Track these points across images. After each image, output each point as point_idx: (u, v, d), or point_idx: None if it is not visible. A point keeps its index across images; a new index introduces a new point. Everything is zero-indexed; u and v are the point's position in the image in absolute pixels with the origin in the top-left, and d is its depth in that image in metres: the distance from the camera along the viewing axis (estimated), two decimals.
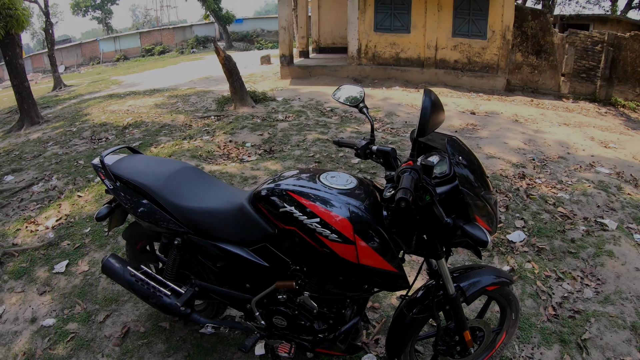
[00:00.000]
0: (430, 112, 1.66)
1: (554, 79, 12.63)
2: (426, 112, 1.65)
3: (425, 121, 1.65)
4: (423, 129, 1.67)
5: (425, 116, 1.65)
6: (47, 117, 10.69)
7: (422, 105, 1.66)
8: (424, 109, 1.65)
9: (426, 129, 1.68)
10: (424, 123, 1.66)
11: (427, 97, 1.67)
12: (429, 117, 1.65)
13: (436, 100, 1.70)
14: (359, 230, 1.92)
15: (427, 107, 1.65)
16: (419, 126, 1.67)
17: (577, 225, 4.31)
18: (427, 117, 1.65)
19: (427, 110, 1.65)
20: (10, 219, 5.02)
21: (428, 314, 2.22)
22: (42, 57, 39.61)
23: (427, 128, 1.68)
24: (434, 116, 1.68)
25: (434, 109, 1.67)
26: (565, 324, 3.12)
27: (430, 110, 1.65)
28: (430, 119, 1.67)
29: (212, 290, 2.56)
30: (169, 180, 2.53)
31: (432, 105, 1.66)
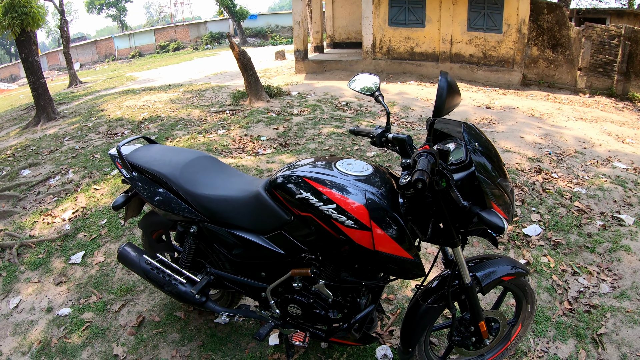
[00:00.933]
0: (447, 93, 1.66)
1: (570, 74, 12.48)
2: (442, 93, 1.65)
3: (441, 102, 1.66)
4: (439, 109, 1.68)
5: (442, 97, 1.66)
6: (63, 113, 10.82)
7: (438, 85, 1.66)
8: (440, 89, 1.65)
9: (442, 109, 1.68)
10: (441, 103, 1.67)
11: (444, 78, 1.67)
12: (445, 97, 1.66)
13: (452, 82, 1.70)
14: (375, 217, 1.92)
15: (444, 87, 1.65)
16: (435, 106, 1.68)
17: (594, 219, 4.29)
18: (444, 98, 1.66)
19: (444, 90, 1.65)
20: (27, 211, 5.11)
21: (443, 303, 2.21)
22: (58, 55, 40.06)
23: (443, 108, 1.68)
24: (450, 97, 1.69)
25: (450, 90, 1.67)
26: (581, 318, 3.10)
27: (446, 90, 1.66)
28: (447, 100, 1.68)
29: (227, 278, 2.58)
30: (185, 169, 2.54)
31: (448, 86, 1.66)
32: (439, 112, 1.69)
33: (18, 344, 3.15)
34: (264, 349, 2.90)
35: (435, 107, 1.68)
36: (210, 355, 2.88)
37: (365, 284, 2.24)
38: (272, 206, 2.20)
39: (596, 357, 2.80)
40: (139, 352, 2.96)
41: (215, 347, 2.94)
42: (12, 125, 11.22)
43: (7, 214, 5.06)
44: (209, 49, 35.60)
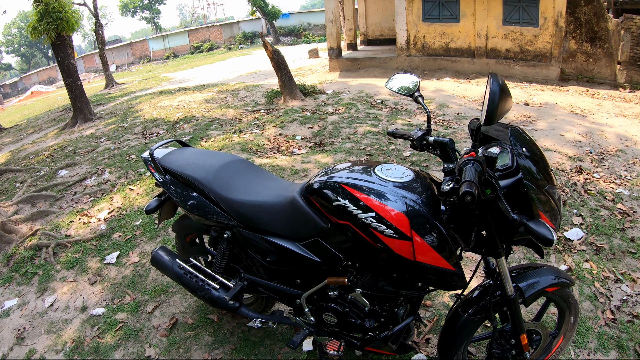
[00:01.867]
0: (499, 98, 1.55)
1: (609, 68, 12.08)
2: (495, 98, 1.54)
3: (494, 107, 1.55)
4: (491, 116, 1.56)
5: (494, 102, 1.54)
6: (100, 114, 11.07)
7: (490, 89, 1.55)
8: (493, 94, 1.54)
9: (494, 116, 1.57)
10: (493, 109, 1.55)
11: (495, 81, 1.56)
12: (497, 102, 1.54)
13: (504, 85, 1.59)
14: (416, 226, 1.84)
15: (496, 91, 1.54)
16: (487, 113, 1.56)
17: (638, 223, 4.10)
18: (497, 103, 1.54)
19: (496, 95, 1.54)
20: (64, 211, 5.22)
21: (484, 315, 2.11)
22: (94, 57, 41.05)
23: (495, 115, 1.57)
24: (502, 102, 1.57)
25: (502, 94, 1.56)
26: (623, 329, 2.95)
27: (499, 95, 1.54)
28: (499, 105, 1.56)
29: (261, 284, 2.55)
30: (218, 173, 2.53)
31: (500, 90, 1.55)
32: (491, 119, 1.57)
33: (52, 342, 3.22)
34: (297, 355, 2.88)
35: (488, 114, 1.56)
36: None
37: (404, 294, 2.17)
38: (308, 213, 2.15)
39: None
40: (171, 354, 2.99)
41: (248, 352, 2.93)
42: (50, 126, 11.53)
43: (44, 214, 5.20)
44: (242, 48, 35.90)
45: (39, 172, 6.83)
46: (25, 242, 4.50)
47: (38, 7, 9.54)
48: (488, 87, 1.58)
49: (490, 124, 1.60)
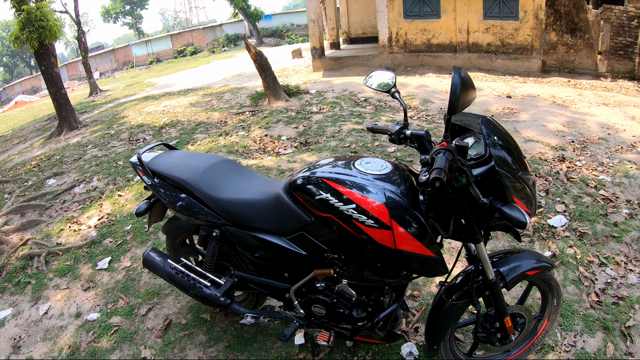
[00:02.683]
0: (461, 89, 1.64)
1: (590, 58, 12.25)
2: (456, 89, 1.63)
3: (455, 98, 1.64)
4: (453, 106, 1.66)
5: (456, 93, 1.63)
6: (85, 121, 11.01)
7: (451, 82, 1.64)
8: (454, 86, 1.63)
9: (457, 106, 1.66)
10: (454, 100, 1.64)
11: (457, 74, 1.65)
12: (459, 94, 1.63)
13: (466, 77, 1.68)
14: (396, 216, 1.91)
15: (457, 83, 1.63)
16: (450, 104, 1.65)
17: (620, 208, 4.20)
18: (458, 95, 1.63)
19: (457, 87, 1.63)
20: (53, 220, 5.22)
21: (467, 300, 2.18)
22: (77, 65, 40.78)
23: (457, 105, 1.66)
24: (464, 93, 1.67)
25: (464, 86, 1.65)
26: (608, 310, 3.03)
27: (460, 87, 1.63)
28: (461, 97, 1.65)
29: (251, 280, 2.61)
30: (205, 174, 2.57)
31: (461, 82, 1.64)
32: (453, 109, 1.67)
33: (48, 349, 3.22)
34: (289, 348, 2.93)
35: (450, 104, 1.65)
36: (237, 356, 2.92)
37: (388, 283, 2.24)
38: (293, 208, 2.21)
39: (624, 350, 2.74)
40: (166, 354, 3.02)
41: (242, 348, 2.98)
42: (35, 136, 11.45)
43: (34, 223, 5.19)
44: (226, 51, 35.86)
45: (27, 182, 6.80)
46: (16, 252, 4.49)
47: (20, 16, 9.46)
48: (451, 79, 1.66)
49: (453, 114, 1.69)
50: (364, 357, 2.78)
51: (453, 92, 1.63)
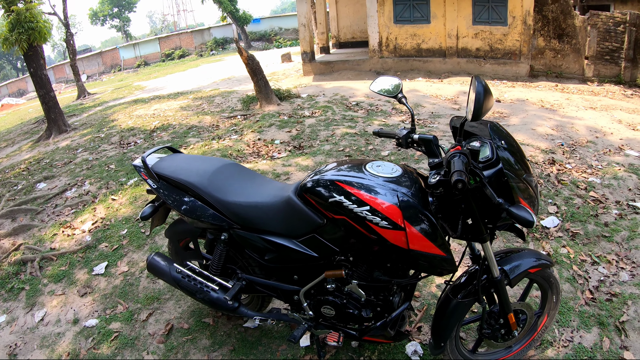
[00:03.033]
0: (484, 97, 1.72)
1: (577, 63, 12.43)
2: (480, 97, 1.71)
3: (479, 105, 1.72)
4: (478, 113, 1.74)
5: (480, 100, 1.71)
6: (74, 125, 10.90)
7: (475, 90, 1.72)
8: (478, 94, 1.71)
9: (480, 113, 1.74)
10: (479, 107, 1.72)
11: (479, 82, 1.73)
12: (482, 101, 1.72)
13: (487, 85, 1.76)
14: (408, 217, 1.97)
15: (481, 92, 1.71)
16: (474, 110, 1.73)
17: (610, 209, 4.31)
18: (481, 102, 1.72)
19: (481, 95, 1.71)
20: (46, 224, 5.13)
21: (473, 298, 2.25)
22: (64, 68, 40.35)
23: (481, 112, 1.74)
24: (486, 101, 1.74)
25: (486, 93, 1.73)
26: (602, 307, 3.13)
27: (483, 95, 1.71)
28: (484, 104, 1.73)
29: (259, 283, 2.62)
30: (213, 177, 2.58)
31: (484, 90, 1.72)
32: (477, 116, 1.75)
33: (46, 356, 3.16)
34: (295, 351, 2.94)
35: (475, 111, 1.73)
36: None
37: (397, 282, 2.29)
38: (304, 210, 2.24)
39: (619, 344, 2.83)
40: (170, 359, 3.00)
41: (247, 351, 2.98)
42: (23, 139, 11.32)
43: (26, 228, 5.08)
44: (214, 54, 35.72)
45: (17, 186, 6.70)
46: (8, 258, 4.39)
47: (9, 17, 9.37)
48: (473, 88, 1.75)
49: (477, 120, 1.77)
50: (369, 357, 2.82)
51: (477, 100, 1.72)
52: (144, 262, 4.00)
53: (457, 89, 10.40)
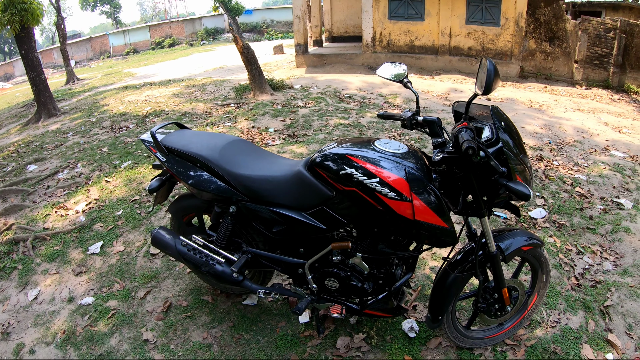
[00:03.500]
0: (494, 74, 1.83)
1: (567, 66, 12.64)
2: (491, 74, 1.82)
3: (490, 81, 1.83)
4: (489, 87, 1.85)
5: (490, 77, 1.83)
6: (64, 109, 10.80)
7: (487, 68, 1.83)
8: (489, 71, 1.82)
9: (490, 88, 1.85)
10: (490, 83, 1.83)
11: (490, 62, 1.85)
12: (493, 77, 1.83)
13: (496, 66, 1.88)
14: (415, 189, 2.09)
15: (492, 69, 1.83)
16: (486, 85, 1.84)
17: (595, 204, 4.48)
18: (492, 78, 1.83)
19: (492, 72, 1.82)
20: (38, 205, 5.08)
21: (470, 272, 2.40)
22: (52, 53, 39.87)
23: (491, 87, 1.85)
24: (496, 77, 1.86)
25: (495, 72, 1.85)
26: (587, 292, 3.28)
27: (494, 72, 1.83)
28: (494, 80, 1.84)
29: (264, 256, 2.70)
30: (223, 151, 2.64)
31: (494, 69, 1.84)
32: (487, 90, 1.86)
33: (41, 334, 3.16)
34: (294, 327, 3.01)
35: (486, 86, 1.85)
36: (242, 336, 2.99)
37: (401, 255, 2.41)
38: (314, 183, 2.34)
39: (604, 327, 2.98)
40: (169, 335, 3.03)
41: (247, 328, 3.04)
42: (11, 122, 11.16)
43: (17, 208, 5.02)
44: (205, 44, 35.50)
45: (6, 167, 6.63)
46: (0, 237, 4.35)
47: None
48: (483, 67, 1.88)
49: (487, 94, 1.87)
50: (367, 333, 2.90)
51: (488, 76, 1.83)
52: (141, 242, 4.05)
53: (448, 86, 10.55)
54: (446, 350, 2.78)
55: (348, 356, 2.77)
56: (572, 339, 2.87)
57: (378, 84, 10.20)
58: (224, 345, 2.94)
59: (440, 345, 2.81)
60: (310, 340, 2.90)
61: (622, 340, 2.88)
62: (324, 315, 3.02)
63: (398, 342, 2.86)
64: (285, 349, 2.87)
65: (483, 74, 1.87)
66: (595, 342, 2.85)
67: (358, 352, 2.79)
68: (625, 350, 2.80)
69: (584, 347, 2.81)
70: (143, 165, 5.68)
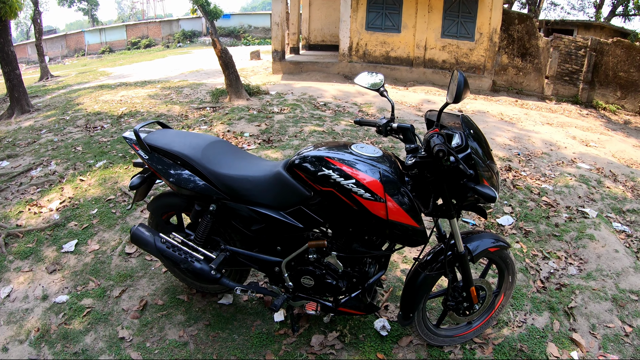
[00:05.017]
0: (463, 85, 1.97)
1: (538, 81, 13.02)
2: (461, 84, 1.97)
3: (460, 90, 1.98)
4: (458, 96, 2.00)
5: (460, 87, 1.97)
6: (38, 105, 10.60)
7: (457, 79, 1.98)
8: (460, 82, 1.97)
9: (460, 97, 1.99)
10: (460, 92, 1.99)
11: (460, 74, 1.99)
12: (462, 87, 1.97)
13: (466, 78, 2.01)
14: (389, 190, 2.22)
15: (462, 80, 1.97)
16: (456, 94, 1.99)
17: (560, 212, 4.67)
18: (462, 88, 1.97)
19: (462, 83, 1.97)
20: (10, 202, 5.00)
21: (439, 271, 2.52)
22: (26, 48, 39.08)
23: (461, 97, 1.99)
24: (465, 88, 1.99)
25: (465, 83, 1.98)
26: (552, 295, 3.45)
27: (463, 83, 1.97)
28: (464, 90, 1.98)
29: (242, 254, 2.76)
30: (205, 150, 2.71)
31: (464, 80, 1.98)
32: (457, 99, 2.00)
33: (14, 332, 3.11)
34: (269, 325, 3.07)
35: (456, 95, 1.99)
36: (218, 334, 3.02)
37: (374, 254, 2.53)
38: (293, 183, 2.45)
39: (568, 327, 3.15)
40: (145, 334, 3.04)
41: (222, 326, 3.08)
42: None
43: None
44: (181, 47, 35.30)
45: None
46: None
47: None
48: (454, 78, 2.04)
49: (457, 102, 2.02)
50: (341, 331, 2.99)
51: (459, 86, 1.98)
52: (116, 241, 4.04)
53: (422, 97, 10.72)
54: (417, 348, 2.88)
55: (322, 354, 2.84)
56: (538, 338, 3.02)
57: (353, 92, 10.32)
58: (200, 343, 2.96)
59: (411, 344, 2.91)
60: (285, 339, 2.96)
61: (587, 339, 3.04)
62: (299, 314, 3.09)
63: (370, 340, 2.94)
64: (260, 347, 2.92)
65: (454, 84, 2.02)
66: (560, 341, 3.01)
67: (332, 349, 2.87)
68: (589, 349, 2.96)
69: (550, 345, 2.96)
70: (118, 165, 5.64)
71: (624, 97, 12.74)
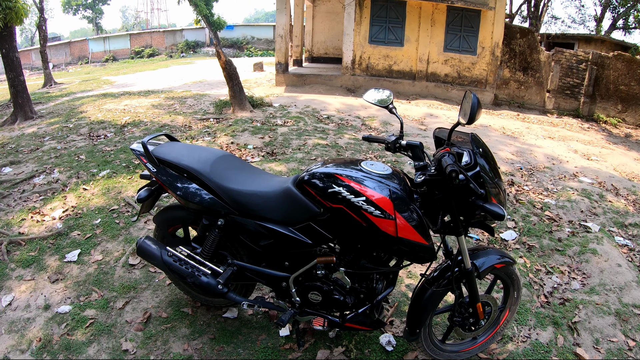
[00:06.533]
0: (477, 106, 2.01)
1: (539, 95, 13.07)
2: (475, 105, 2.00)
3: (474, 112, 2.01)
4: (472, 117, 2.03)
5: (474, 108, 2.00)
6: (41, 112, 10.62)
7: (471, 100, 2.01)
8: (474, 103, 2.01)
9: (474, 118, 2.03)
10: (474, 113, 2.02)
11: (474, 95, 2.03)
12: (476, 109, 2.01)
13: (479, 99, 2.05)
14: (398, 208, 2.23)
15: (475, 102, 2.01)
16: (470, 115, 2.02)
17: (563, 227, 4.69)
18: (476, 109, 2.01)
19: (475, 104, 2.01)
20: (13, 209, 4.96)
21: (446, 287, 2.53)
22: (30, 54, 39.21)
23: (475, 117, 2.03)
24: (479, 109, 2.03)
25: (479, 104, 2.02)
26: (556, 309, 3.46)
27: (477, 104, 2.00)
28: (477, 111, 2.02)
29: (249, 269, 2.76)
30: (214, 164, 2.71)
31: (477, 101, 2.02)
32: (471, 120, 2.04)
33: (15, 342, 3.07)
34: (275, 340, 3.04)
35: (470, 116, 2.03)
36: (223, 348, 2.99)
37: (382, 270, 2.54)
38: (303, 200, 2.46)
39: (572, 341, 3.16)
40: (148, 346, 3.00)
41: (227, 340, 3.05)
42: None
43: None
44: (184, 57, 35.38)
45: None
46: None
47: None
48: (468, 99, 2.06)
49: (471, 123, 2.05)
50: (347, 346, 2.98)
51: (472, 107, 2.01)
52: (119, 252, 4.01)
53: (425, 111, 10.78)
54: None
55: None
56: (542, 353, 3.03)
57: (356, 106, 10.36)
58: (204, 357, 2.93)
59: (416, 359, 2.90)
60: (290, 353, 2.94)
61: (590, 353, 3.05)
62: (304, 329, 3.08)
63: (376, 355, 2.94)
64: None
65: (467, 105, 2.04)
66: (564, 356, 3.02)
67: None
68: None
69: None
70: (122, 175, 5.64)
71: (625, 110, 12.80)
